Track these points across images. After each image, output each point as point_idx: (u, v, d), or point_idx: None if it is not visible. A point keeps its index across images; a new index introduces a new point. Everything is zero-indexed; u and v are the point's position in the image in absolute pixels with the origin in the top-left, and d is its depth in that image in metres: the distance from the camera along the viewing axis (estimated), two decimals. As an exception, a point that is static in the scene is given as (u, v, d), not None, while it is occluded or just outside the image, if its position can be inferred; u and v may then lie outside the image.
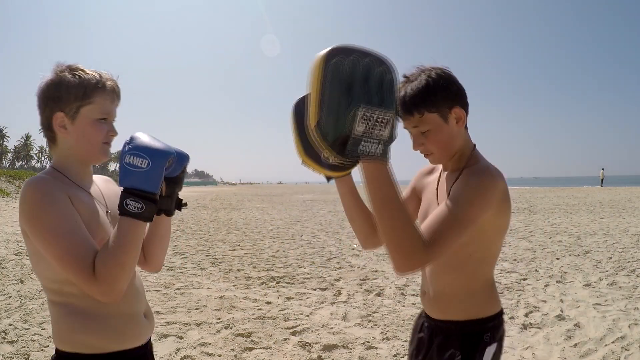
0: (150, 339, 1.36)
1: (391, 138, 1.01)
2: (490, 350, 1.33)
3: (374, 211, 1.04)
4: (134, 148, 1.06)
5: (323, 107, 0.94)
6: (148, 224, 1.11)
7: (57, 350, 1.21)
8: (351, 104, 0.94)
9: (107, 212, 1.28)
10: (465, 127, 1.35)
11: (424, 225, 1.14)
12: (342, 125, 0.95)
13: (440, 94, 1.25)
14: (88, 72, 1.21)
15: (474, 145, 1.37)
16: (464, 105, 1.30)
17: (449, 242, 1.11)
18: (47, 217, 1.08)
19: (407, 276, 1.37)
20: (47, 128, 1.21)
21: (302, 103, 1.21)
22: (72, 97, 1.18)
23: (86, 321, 1.17)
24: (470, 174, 1.26)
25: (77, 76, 1.19)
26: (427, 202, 1.46)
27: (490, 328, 1.35)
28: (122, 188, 1.07)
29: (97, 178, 1.37)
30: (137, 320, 1.27)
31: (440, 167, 1.47)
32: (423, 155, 1.37)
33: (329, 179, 1.33)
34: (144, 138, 1.09)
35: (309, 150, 1.21)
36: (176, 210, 1.32)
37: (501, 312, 1.41)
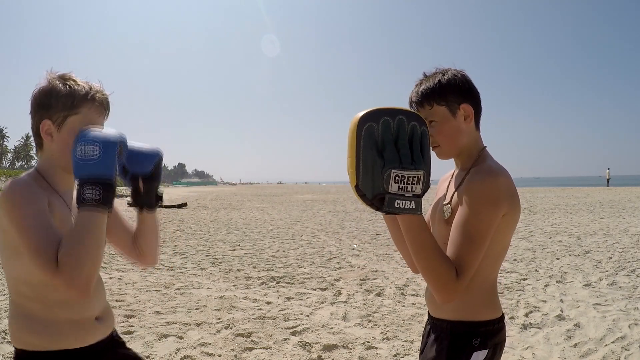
0: (107, 337, 1.35)
1: (427, 189, 1.13)
2: (478, 356, 1.31)
3: (412, 255, 1.18)
4: (83, 138, 1.10)
5: (359, 169, 1.08)
6: (107, 214, 1.14)
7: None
8: (384, 167, 1.07)
9: None
10: (478, 128, 1.39)
11: (451, 253, 1.21)
12: (378, 186, 1.07)
13: (451, 89, 1.33)
14: (79, 82, 1.23)
15: (484, 146, 1.39)
16: (475, 105, 1.36)
17: (472, 263, 1.20)
18: (24, 209, 1.12)
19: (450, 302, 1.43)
20: (35, 134, 1.25)
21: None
22: (61, 105, 1.20)
23: (31, 322, 1.21)
24: (473, 176, 1.28)
25: (67, 86, 1.21)
26: (437, 203, 1.48)
27: (481, 333, 1.32)
28: (76, 182, 1.10)
29: None
30: (83, 324, 1.27)
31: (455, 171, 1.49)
32: (431, 148, 1.39)
33: None
34: (92, 130, 1.14)
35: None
36: (175, 209, 1.36)
37: (499, 320, 1.36)
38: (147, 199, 1.35)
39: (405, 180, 1.07)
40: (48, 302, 1.20)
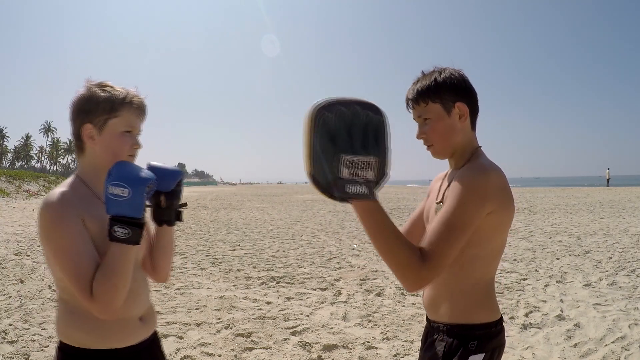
0: (148, 338, 1.40)
1: (382, 177, 1.13)
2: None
3: (371, 241, 1.16)
4: (114, 178, 1.15)
5: (313, 157, 1.08)
6: (137, 247, 1.19)
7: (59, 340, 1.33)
8: (335, 153, 1.07)
9: None
10: (474, 127, 1.38)
11: (425, 240, 1.18)
12: (331, 172, 1.08)
13: (446, 88, 1.32)
14: (117, 88, 1.31)
15: (479, 146, 1.38)
16: (471, 105, 1.34)
17: (445, 251, 1.15)
18: (57, 238, 1.18)
19: (418, 292, 1.41)
20: (77, 138, 1.31)
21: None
22: (101, 110, 1.27)
23: (77, 320, 1.27)
24: (464, 172, 1.26)
25: (106, 91, 1.29)
26: (430, 202, 1.47)
27: (478, 336, 1.28)
28: (109, 216, 1.16)
29: None
30: (128, 324, 1.32)
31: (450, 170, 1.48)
32: (426, 148, 1.39)
33: None
34: (123, 168, 1.19)
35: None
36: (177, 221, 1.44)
37: (497, 323, 1.33)
38: (167, 215, 1.40)
39: (357, 166, 1.07)
40: None
